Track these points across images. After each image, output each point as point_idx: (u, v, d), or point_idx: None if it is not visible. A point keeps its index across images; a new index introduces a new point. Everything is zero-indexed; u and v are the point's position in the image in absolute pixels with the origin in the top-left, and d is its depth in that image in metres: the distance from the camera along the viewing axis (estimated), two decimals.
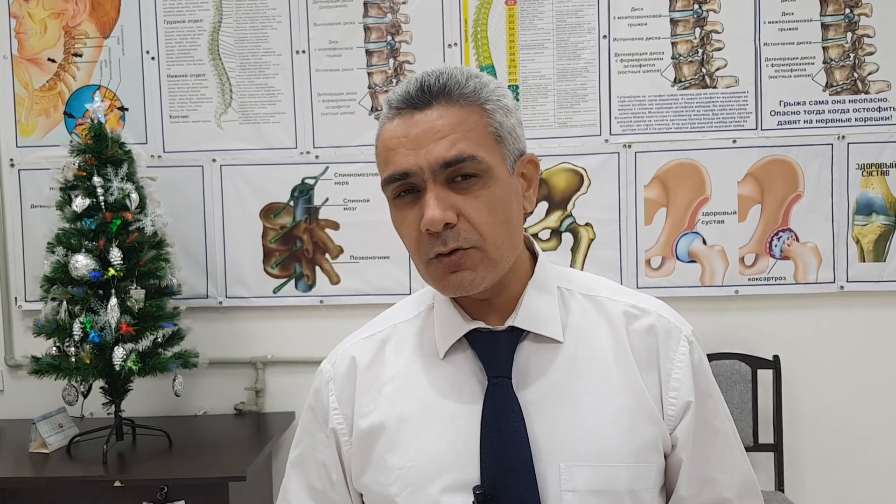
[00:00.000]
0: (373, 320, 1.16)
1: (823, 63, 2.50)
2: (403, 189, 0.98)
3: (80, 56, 2.59)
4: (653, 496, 1.01)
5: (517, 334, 1.03)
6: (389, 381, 1.06)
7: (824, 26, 2.49)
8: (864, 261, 2.52)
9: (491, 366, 1.01)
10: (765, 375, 2.47)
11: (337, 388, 1.10)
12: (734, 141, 2.51)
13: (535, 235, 2.53)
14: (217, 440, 2.39)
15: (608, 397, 1.00)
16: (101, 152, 2.27)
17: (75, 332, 2.18)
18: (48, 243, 2.28)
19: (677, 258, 2.54)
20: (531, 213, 2.50)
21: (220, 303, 2.62)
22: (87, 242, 2.22)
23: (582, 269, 2.43)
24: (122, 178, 2.27)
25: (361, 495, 1.09)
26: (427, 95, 0.97)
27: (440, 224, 0.94)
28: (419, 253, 0.98)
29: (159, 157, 2.59)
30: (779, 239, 2.52)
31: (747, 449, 1.15)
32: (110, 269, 2.20)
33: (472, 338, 1.03)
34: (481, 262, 0.97)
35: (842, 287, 2.52)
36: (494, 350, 1.02)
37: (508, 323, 1.03)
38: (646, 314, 1.05)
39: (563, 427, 0.98)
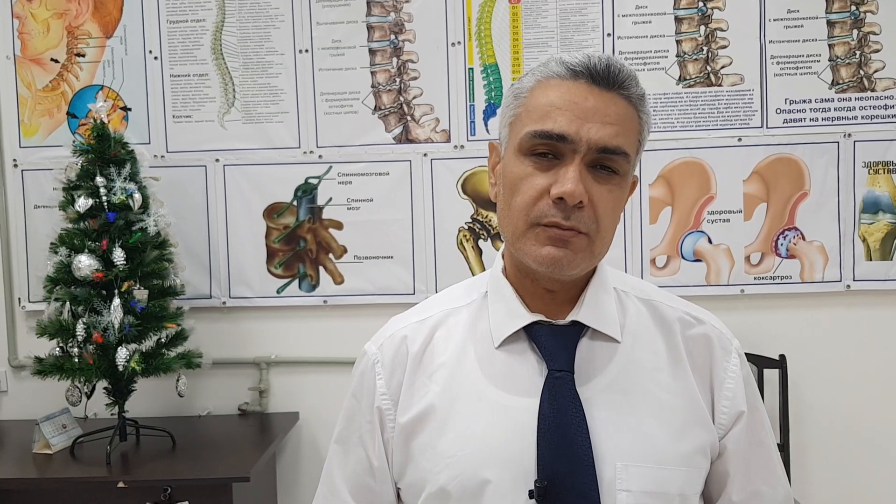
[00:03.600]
0: (420, 305, 1.15)
1: (829, 60, 2.48)
2: (544, 149, 0.97)
3: (83, 56, 2.59)
4: (697, 500, 1.02)
5: (578, 329, 1.03)
6: (440, 367, 1.05)
7: (830, 23, 2.48)
8: (870, 259, 2.50)
9: (553, 359, 1.00)
10: (771, 375, 2.46)
11: (385, 373, 1.07)
12: (739, 139, 2.50)
13: None
14: (221, 441, 2.39)
15: (663, 400, 1.01)
16: (104, 152, 2.26)
17: (78, 333, 2.17)
18: (51, 244, 2.27)
19: (682, 257, 2.53)
20: None
21: (224, 303, 2.61)
22: (90, 243, 2.22)
23: None
24: (125, 179, 2.27)
25: (398, 489, 1.08)
26: (610, 78, 0.97)
27: (578, 199, 0.94)
28: (529, 213, 0.97)
29: (162, 157, 2.59)
30: (785, 237, 2.51)
31: None
32: (113, 269, 2.20)
33: (530, 330, 1.03)
34: (585, 250, 0.98)
35: (848, 286, 2.51)
36: (556, 343, 1.01)
37: (571, 317, 1.03)
38: (700, 323, 1.08)
39: (619, 426, 0.99)
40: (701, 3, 2.49)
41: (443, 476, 0.99)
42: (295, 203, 2.59)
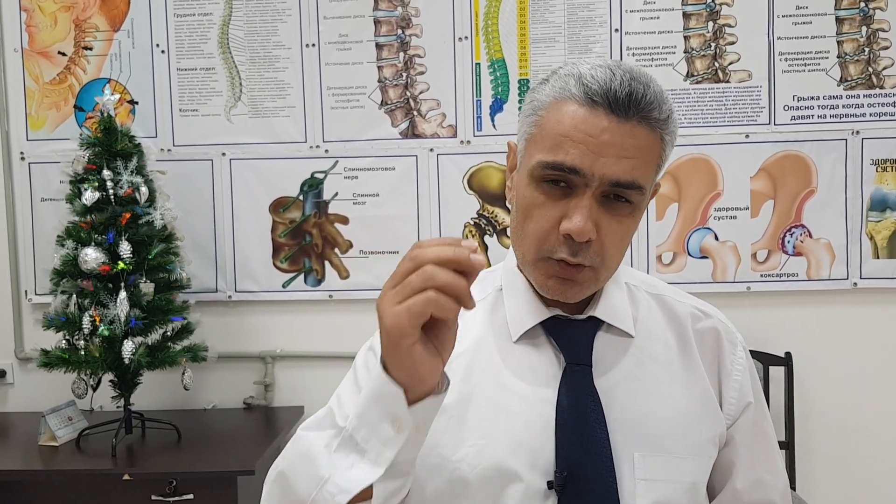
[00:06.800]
0: None
1: (838, 57, 2.47)
2: (557, 178, 0.96)
3: (91, 49, 2.59)
4: (704, 489, 1.05)
5: (594, 324, 1.04)
6: (458, 357, 1.04)
7: (839, 20, 2.47)
8: (877, 257, 2.49)
9: (571, 353, 1.02)
10: (776, 372, 2.45)
11: None
12: (747, 136, 2.49)
13: None
14: (226, 434, 2.40)
15: (676, 391, 1.04)
16: (111, 145, 2.26)
17: (84, 326, 2.18)
18: (58, 236, 2.28)
19: (689, 254, 2.53)
20: None
21: (230, 297, 2.61)
22: (96, 236, 2.22)
23: None
24: (132, 172, 2.27)
25: None
26: (631, 108, 0.94)
27: (586, 237, 0.94)
28: (540, 247, 0.97)
29: (169, 150, 2.59)
30: (791, 235, 2.50)
31: None
32: (120, 262, 2.20)
33: (547, 324, 1.04)
34: (590, 280, 0.99)
35: (855, 284, 2.50)
36: (574, 338, 1.03)
37: (588, 313, 1.04)
38: (709, 317, 1.10)
39: (636, 417, 1.00)
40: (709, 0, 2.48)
41: (462, 465, 0.99)
42: (301, 197, 2.59)
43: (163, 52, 2.58)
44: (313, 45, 2.56)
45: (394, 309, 0.78)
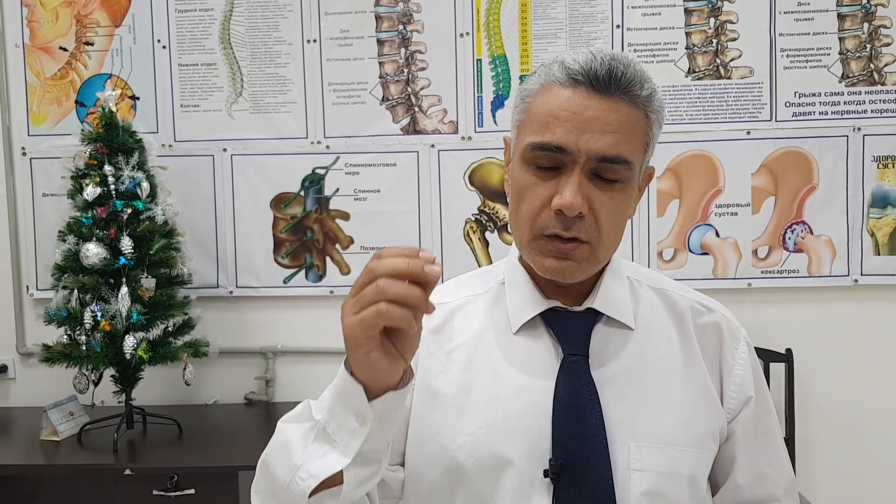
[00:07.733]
0: (436, 290, 1.15)
1: (839, 54, 2.47)
2: (546, 161, 0.98)
3: (92, 45, 2.59)
4: (705, 482, 1.05)
5: (593, 316, 1.06)
6: (458, 348, 1.07)
7: (840, 17, 2.47)
8: (878, 254, 2.49)
9: (568, 344, 1.03)
10: (777, 369, 2.46)
11: None
12: (748, 132, 2.49)
13: None
14: (227, 429, 2.40)
15: (675, 385, 1.04)
16: (112, 141, 2.27)
17: (86, 321, 2.18)
18: (59, 232, 2.28)
19: (690, 250, 2.53)
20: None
21: (231, 292, 2.62)
22: (97, 231, 2.22)
23: None
24: (133, 167, 2.27)
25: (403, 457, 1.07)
26: (612, 84, 0.96)
27: (577, 211, 0.96)
28: (533, 225, 0.99)
29: (170, 146, 2.59)
30: (792, 231, 2.50)
31: None
32: (121, 257, 2.20)
33: (546, 316, 1.06)
34: (588, 258, 1.00)
35: (856, 280, 2.50)
36: (572, 329, 1.05)
37: (587, 305, 1.06)
38: (710, 311, 1.11)
39: (633, 409, 1.01)
40: None
41: (461, 453, 1.01)
42: (302, 193, 2.59)
43: (164, 47, 2.58)
44: (314, 40, 2.55)
45: (350, 319, 0.81)
